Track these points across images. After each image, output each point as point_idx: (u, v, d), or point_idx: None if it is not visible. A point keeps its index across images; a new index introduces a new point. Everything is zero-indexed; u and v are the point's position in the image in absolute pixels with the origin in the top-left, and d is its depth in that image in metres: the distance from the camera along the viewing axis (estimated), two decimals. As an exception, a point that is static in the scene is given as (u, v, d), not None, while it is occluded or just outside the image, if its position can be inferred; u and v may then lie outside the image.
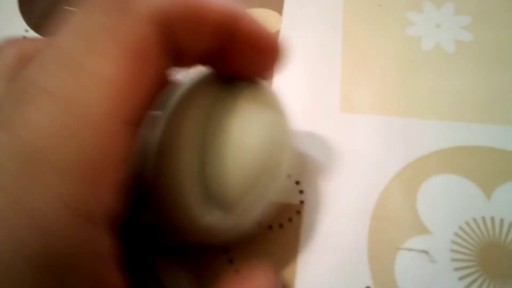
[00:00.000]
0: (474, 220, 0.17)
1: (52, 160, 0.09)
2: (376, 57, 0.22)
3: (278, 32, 0.24)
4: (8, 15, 0.27)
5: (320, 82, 0.22)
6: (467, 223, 0.17)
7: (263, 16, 0.25)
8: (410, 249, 0.17)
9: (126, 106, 0.10)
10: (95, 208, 0.09)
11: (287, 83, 0.22)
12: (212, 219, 0.13)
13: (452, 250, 0.17)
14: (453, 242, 0.17)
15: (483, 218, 0.17)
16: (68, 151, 0.09)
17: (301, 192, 0.19)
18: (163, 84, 0.14)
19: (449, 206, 0.18)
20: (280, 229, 0.18)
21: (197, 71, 0.14)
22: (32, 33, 0.26)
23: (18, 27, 0.26)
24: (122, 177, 0.10)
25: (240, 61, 0.13)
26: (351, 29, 0.23)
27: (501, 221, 0.17)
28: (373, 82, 0.21)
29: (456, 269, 0.16)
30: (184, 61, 0.12)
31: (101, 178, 0.09)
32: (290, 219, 0.18)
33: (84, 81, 0.09)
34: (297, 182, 0.19)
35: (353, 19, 0.24)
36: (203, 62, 0.13)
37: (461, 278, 0.16)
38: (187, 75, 0.14)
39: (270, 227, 0.18)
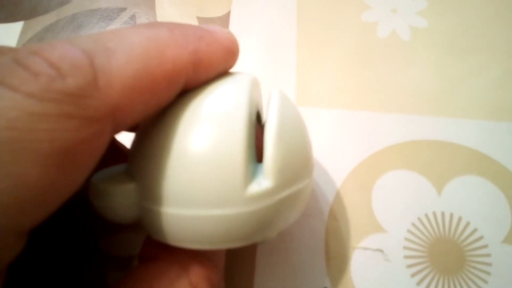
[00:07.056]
0: (426, 215, 0.18)
1: None
2: (332, 46, 0.21)
3: (228, 14, 0.22)
4: None
5: (274, 74, 0.21)
6: (419, 219, 0.18)
7: (211, -4, 0.23)
8: (365, 248, 0.17)
9: (28, 216, 0.08)
10: None
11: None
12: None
13: (405, 247, 0.17)
14: (406, 239, 0.17)
15: (434, 213, 0.18)
16: None
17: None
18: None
19: (402, 202, 0.18)
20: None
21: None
22: None
23: None
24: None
25: (204, 77, 0.12)
26: (305, 14, 0.22)
27: (451, 215, 0.18)
28: (328, 73, 0.21)
29: (409, 266, 0.17)
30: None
31: None
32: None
33: None
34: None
35: (307, 2, 0.22)
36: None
37: (413, 275, 0.17)
38: None
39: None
